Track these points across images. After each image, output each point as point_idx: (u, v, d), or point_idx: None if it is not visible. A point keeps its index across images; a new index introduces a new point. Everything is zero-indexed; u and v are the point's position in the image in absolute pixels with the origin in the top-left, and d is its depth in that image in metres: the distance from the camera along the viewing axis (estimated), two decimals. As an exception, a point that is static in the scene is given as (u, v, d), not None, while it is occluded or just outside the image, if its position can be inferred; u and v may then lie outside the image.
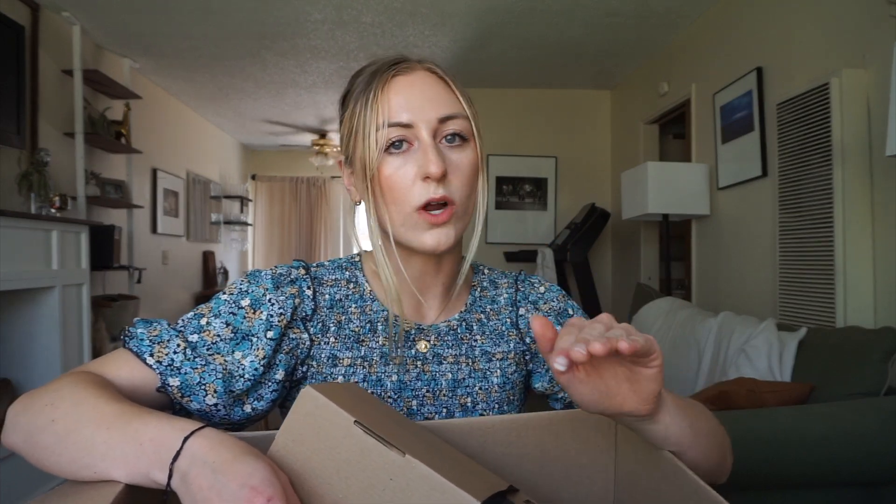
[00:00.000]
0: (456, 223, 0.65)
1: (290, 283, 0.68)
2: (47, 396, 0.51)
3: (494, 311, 0.76)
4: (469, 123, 0.66)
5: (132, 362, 0.59)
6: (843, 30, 2.06)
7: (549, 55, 3.68)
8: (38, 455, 0.49)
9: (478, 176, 0.67)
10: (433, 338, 0.71)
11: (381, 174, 0.64)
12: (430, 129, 0.63)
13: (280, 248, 7.24)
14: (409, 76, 0.65)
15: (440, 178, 0.62)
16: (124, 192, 3.74)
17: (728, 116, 2.76)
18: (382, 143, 0.63)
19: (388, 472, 0.40)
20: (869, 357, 1.50)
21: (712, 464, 0.57)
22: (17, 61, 2.70)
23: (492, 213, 4.37)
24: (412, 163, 0.63)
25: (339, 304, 0.70)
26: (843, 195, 1.95)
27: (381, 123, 0.63)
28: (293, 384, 0.69)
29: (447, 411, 0.69)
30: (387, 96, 0.64)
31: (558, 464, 0.57)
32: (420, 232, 0.64)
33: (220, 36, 3.43)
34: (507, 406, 0.72)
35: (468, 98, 0.68)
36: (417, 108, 0.63)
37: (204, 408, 0.60)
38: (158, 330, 0.61)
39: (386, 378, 0.68)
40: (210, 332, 0.62)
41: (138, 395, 0.58)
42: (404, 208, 0.64)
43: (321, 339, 0.68)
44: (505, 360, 0.73)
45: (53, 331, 2.60)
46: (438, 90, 0.66)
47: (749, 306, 2.55)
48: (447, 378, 0.69)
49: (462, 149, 0.66)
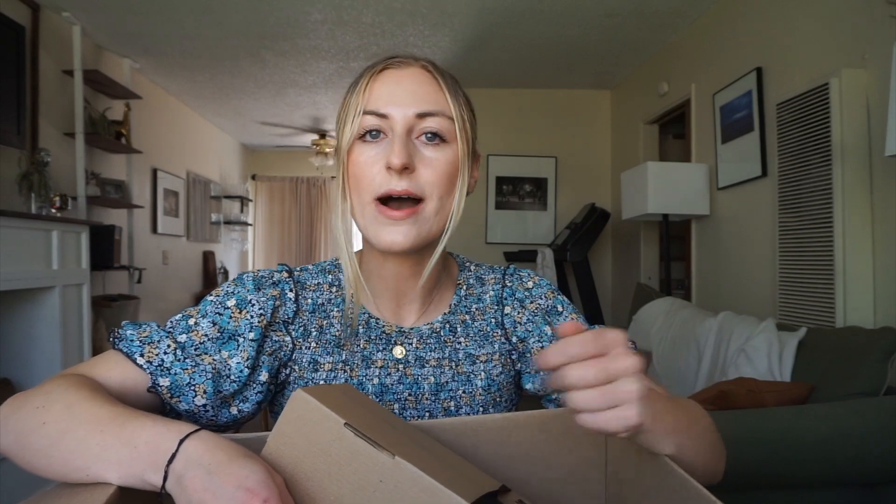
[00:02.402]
0: (420, 224, 0.62)
1: (271, 286, 0.68)
2: (38, 399, 0.51)
3: (480, 311, 0.74)
4: (453, 124, 0.64)
5: (123, 363, 0.59)
6: (842, 30, 2.06)
7: (549, 55, 3.68)
8: (29, 458, 0.48)
9: (454, 180, 0.64)
10: (415, 341, 0.70)
11: (350, 159, 0.63)
12: (405, 123, 0.62)
13: (280, 248, 7.24)
14: (401, 70, 0.65)
15: (401, 170, 0.60)
16: (124, 192, 3.74)
17: (728, 116, 2.76)
18: (356, 130, 0.62)
19: (378, 474, 0.40)
20: (869, 357, 1.50)
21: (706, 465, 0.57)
22: (18, 61, 2.70)
23: (492, 213, 4.38)
24: (381, 152, 0.62)
25: (321, 309, 0.70)
26: (842, 195, 1.94)
27: (358, 111, 0.62)
28: (278, 387, 0.68)
29: (430, 415, 0.68)
30: (372, 86, 0.63)
31: (550, 462, 0.57)
32: (377, 227, 0.63)
33: (220, 36, 3.43)
34: (493, 408, 0.70)
35: (461, 101, 0.66)
36: (398, 100, 0.62)
37: (192, 408, 0.60)
38: (148, 331, 0.61)
39: (367, 382, 0.67)
40: (198, 332, 0.62)
41: (128, 395, 0.58)
42: (364, 197, 0.63)
43: (302, 344, 0.68)
44: (489, 363, 0.71)
45: (53, 331, 2.60)
46: (426, 87, 0.64)
47: (749, 306, 2.55)
48: (429, 382, 0.68)
49: (439, 147, 0.63)
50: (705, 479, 0.56)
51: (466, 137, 0.66)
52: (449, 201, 0.64)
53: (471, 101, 0.70)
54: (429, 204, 0.62)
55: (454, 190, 0.65)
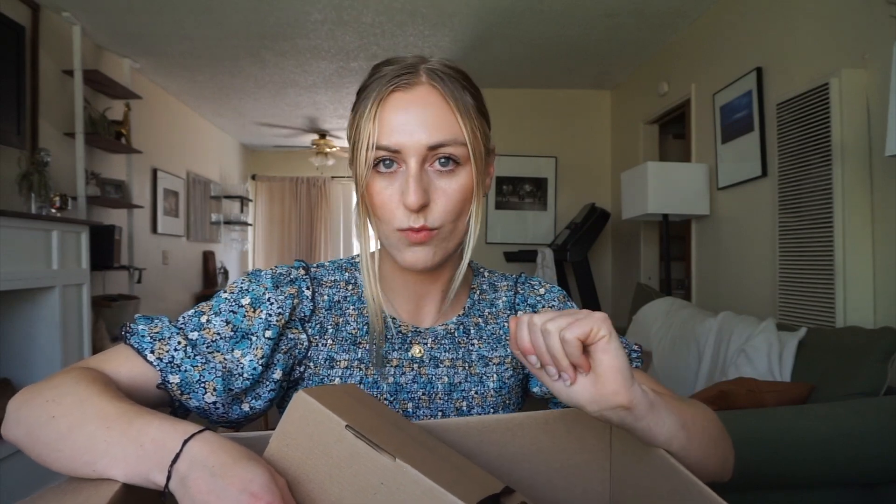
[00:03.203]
0: (438, 244, 0.64)
1: (289, 283, 0.68)
2: (49, 392, 0.51)
3: (493, 315, 0.76)
4: (466, 149, 0.63)
5: (133, 359, 0.59)
6: (843, 30, 2.06)
7: (549, 55, 3.68)
8: (39, 450, 0.49)
9: (469, 201, 0.64)
10: (430, 341, 0.71)
11: (370, 190, 0.64)
12: (418, 157, 0.61)
13: (280, 248, 7.24)
14: (409, 93, 0.62)
15: (418, 210, 0.61)
16: (124, 192, 3.74)
17: (728, 116, 2.76)
18: (371, 162, 0.62)
19: (379, 476, 0.40)
20: (869, 357, 1.50)
21: (711, 462, 0.57)
22: (18, 61, 2.70)
23: (492, 213, 4.38)
24: (397, 186, 0.62)
25: (337, 306, 0.70)
26: (842, 195, 1.94)
27: (371, 144, 0.62)
28: (291, 384, 0.69)
29: (442, 414, 0.69)
30: (382, 114, 0.62)
31: (554, 463, 0.57)
32: (401, 249, 0.64)
33: (220, 36, 3.43)
34: (503, 410, 0.72)
35: (472, 117, 0.64)
36: (408, 132, 0.61)
37: (203, 405, 0.60)
38: (160, 327, 0.61)
39: (382, 380, 0.68)
40: (210, 329, 0.62)
41: (138, 391, 0.58)
42: (387, 227, 0.64)
43: (318, 341, 0.68)
44: (502, 365, 0.73)
45: (53, 331, 2.60)
46: (436, 112, 0.62)
47: (749, 306, 2.55)
48: (443, 382, 0.70)
49: (453, 174, 0.63)
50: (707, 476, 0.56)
51: (480, 154, 0.65)
52: (462, 220, 0.65)
53: (481, 95, 0.69)
54: (445, 228, 0.64)
55: (468, 210, 0.65)
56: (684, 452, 0.52)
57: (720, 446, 0.59)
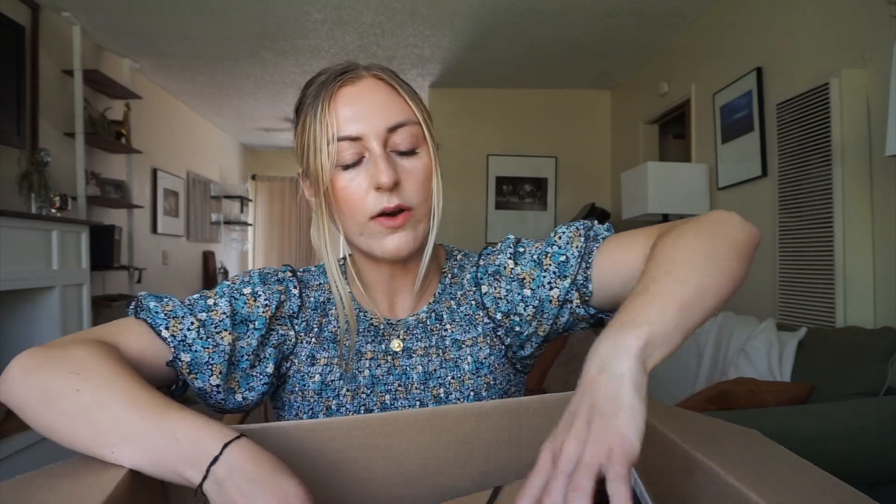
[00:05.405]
0: (414, 227, 0.65)
1: (276, 282, 0.71)
2: (71, 363, 0.50)
3: (463, 296, 0.74)
4: (420, 128, 0.66)
5: (145, 334, 0.59)
6: (843, 30, 2.06)
7: (549, 55, 3.68)
8: (50, 419, 0.48)
9: (431, 180, 0.67)
10: (402, 332, 0.71)
11: (335, 187, 0.64)
12: (379, 140, 0.63)
13: (280, 248, 7.24)
14: (356, 85, 0.65)
15: (392, 188, 0.62)
16: (124, 192, 3.74)
17: (728, 116, 2.76)
18: (334, 158, 0.63)
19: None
20: (869, 357, 1.50)
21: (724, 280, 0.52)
22: (18, 61, 2.70)
23: (492, 212, 4.38)
24: (364, 174, 0.64)
25: (322, 307, 0.73)
26: (842, 195, 1.94)
27: (330, 137, 0.63)
28: (279, 380, 0.70)
29: (420, 404, 0.69)
30: (335, 109, 0.64)
31: None
32: (379, 239, 0.65)
33: (220, 36, 3.43)
34: (487, 392, 0.69)
35: (419, 101, 0.68)
36: (366, 118, 0.63)
37: (206, 387, 0.61)
38: (171, 305, 0.62)
39: (359, 374, 0.69)
40: (217, 311, 0.64)
41: (145, 366, 0.58)
42: (359, 218, 0.64)
43: (304, 338, 0.70)
44: (475, 346, 0.70)
45: (53, 331, 2.60)
46: (387, 97, 0.65)
47: (749, 306, 2.55)
48: (417, 371, 0.70)
49: (415, 155, 0.66)
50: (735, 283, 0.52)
51: (433, 136, 0.68)
52: (429, 201, 0.67)
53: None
54: (417, 210, 0.65)
55: (431, 189, 0.67)
56: (704, 310, 0.49)
57: (719, 256, 0.54)
